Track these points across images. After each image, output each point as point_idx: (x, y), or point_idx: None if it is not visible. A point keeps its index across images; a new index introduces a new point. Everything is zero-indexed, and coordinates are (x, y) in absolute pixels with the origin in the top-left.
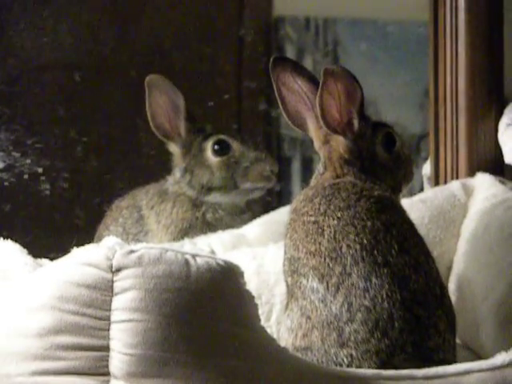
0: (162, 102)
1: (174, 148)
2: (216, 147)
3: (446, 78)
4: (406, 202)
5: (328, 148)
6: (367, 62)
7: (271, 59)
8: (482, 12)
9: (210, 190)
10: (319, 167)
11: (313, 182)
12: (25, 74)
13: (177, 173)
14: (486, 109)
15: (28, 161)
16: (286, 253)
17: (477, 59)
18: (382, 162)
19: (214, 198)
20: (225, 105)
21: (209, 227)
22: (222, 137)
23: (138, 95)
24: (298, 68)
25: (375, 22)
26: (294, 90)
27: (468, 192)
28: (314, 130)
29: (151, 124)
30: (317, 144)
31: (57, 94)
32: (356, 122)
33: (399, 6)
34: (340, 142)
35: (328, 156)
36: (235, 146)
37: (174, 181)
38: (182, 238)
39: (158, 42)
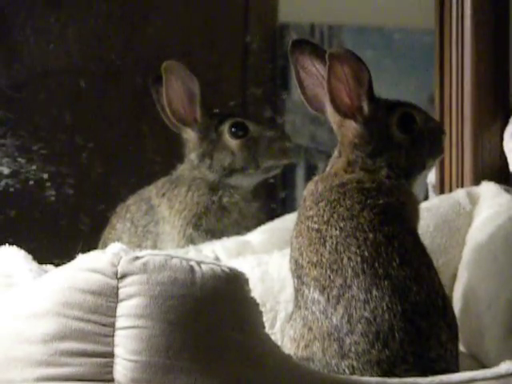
0: (178, 88)
1: (190, 134)
2: (233, 129)
3: (452, 86)
4: None
5: (341, 132)
6: (372, 70)
7: (290, 42)
8: (487, 20)
9: (231, 171)
10: (335, 151)
11: (329, 166)
12: (31, 79)
13: (194, 159)
14: (491, 117)
15: (33, 167)
16: (291, 251)
17: (482, 68)
18: (397, 143)
19: (236, 179)
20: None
21: (224, 212)
22: (238, 119)
23: (144, 101)
24: (316, 51)
25: (381, 30)
26: (313, 74)
27: (473, 200)
28: (331, 114)
29: (167, 110)
30: (334, 127)
31: (62, 100)
32: (366, 105)
33: (405, 13)
34: (350, 127)
35: (341, 141)
36: (252, 126)
37: (192, 166)
38: (196, 223)
39: (163, 48)
